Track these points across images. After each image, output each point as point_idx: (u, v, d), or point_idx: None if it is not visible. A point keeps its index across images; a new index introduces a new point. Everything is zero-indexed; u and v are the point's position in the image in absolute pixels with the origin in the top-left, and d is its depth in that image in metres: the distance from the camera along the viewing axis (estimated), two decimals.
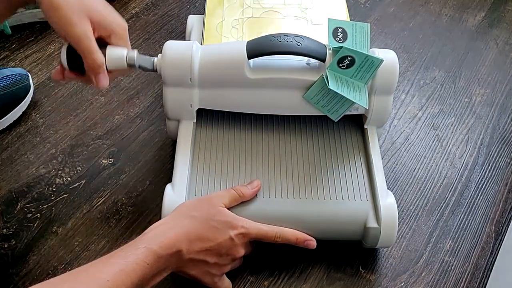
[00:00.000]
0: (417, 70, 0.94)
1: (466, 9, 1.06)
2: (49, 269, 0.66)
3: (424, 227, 0.73)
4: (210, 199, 0.61)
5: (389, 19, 1.03)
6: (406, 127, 0.85)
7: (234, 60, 0.66)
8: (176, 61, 0.66)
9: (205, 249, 0.58)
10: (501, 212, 0.76)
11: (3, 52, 0.90)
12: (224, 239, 0.59)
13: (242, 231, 0.60)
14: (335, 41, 0.66)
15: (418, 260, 0.70)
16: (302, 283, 0.66)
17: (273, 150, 0.69)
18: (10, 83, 0.78)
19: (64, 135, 0.80)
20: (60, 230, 0.69)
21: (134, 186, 0.75)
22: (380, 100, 0.68)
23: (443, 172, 0.80)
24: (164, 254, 0.54)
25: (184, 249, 0.56)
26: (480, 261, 0.71)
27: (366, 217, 0.64)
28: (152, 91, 0.86)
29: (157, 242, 0.54)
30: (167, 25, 0.97)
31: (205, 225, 0.58)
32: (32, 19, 0.93)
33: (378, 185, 0.66)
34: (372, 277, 0.68)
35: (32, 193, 0.73)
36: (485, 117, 0.88)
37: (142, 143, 0.79)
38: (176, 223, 0.58)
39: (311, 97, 0.67)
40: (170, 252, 0.55)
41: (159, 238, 0.55)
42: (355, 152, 0.70)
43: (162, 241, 0.55)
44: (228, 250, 0.59)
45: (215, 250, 0.58)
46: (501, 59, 0.97)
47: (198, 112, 0.70)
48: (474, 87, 0.92)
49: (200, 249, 0.57)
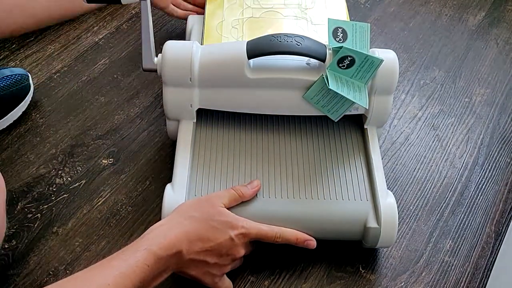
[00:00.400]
0: (417, 70, 0.94)
1: (466, 8, 1.06)
2: (50, 269, 0.66)
3: (424, 227, 0.73)
4: (210, 199, 0.61)
5: (389, 19, 1.03)
6: (406, 127, 0.85)
7: (234, 60, 0.66)
8: (176, 61, 0.66)
9: (205, 249, 0.58)
10: (501, 212, 0.76)
11: (3, 52, 0.90)
12: (224, 239, 0.59)
13: (242, 231, 0.60)
14: (335, 41, 0.66)
15: (418, 260, 0.70)
16: (302, 282, 0.66)
17: (273, 150, 0.69)
18: (10, 83, 0.78)
19: (64, 135, 0.80)
20: (61, 231, 0.69)
21: (134, 186, 0.75)
22: (380, 100, 0.68)
23: (443, 172, 0.80)
24: (164, 255, 0.54)
25: (184, 250, 0.56)
26: (480, 261, 0.71)
27: (366, 217, 0.64)
28: (152, 91, 0.86)
29: (157, 243, 0.54)
30: (167, 25, 0.97)
31: (205, 225, 0.58)
32: None
33: (378, 185, 0.66)
34: (372, 277, 0.68)
35: (32, 193, 0.73)
36: (485, 117, 0.88)
37: (142, 143, 0.79)
38: (176, 223, 0.58)
39: (311, 97, 0.67)
40: (170, 253, 0.55)
41: (159, 239, 0.55)
42: (355, 152, 0.70)
43: (162, 242, 0.55)
44: (228, 250, 0.59)
45: (215, 250, 0.58)
46: (501, 59, 0.97)
47: (198, 112, 0.70)
48: (474, 87, 0.92)
49: (200, 250, 0.57)
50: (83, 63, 0.89)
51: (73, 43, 0.92)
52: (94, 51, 0.91)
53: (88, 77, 0.87)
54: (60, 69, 0.88)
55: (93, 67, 0.89)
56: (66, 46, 0.91)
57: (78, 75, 0.87)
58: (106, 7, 0.98)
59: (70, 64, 0.89)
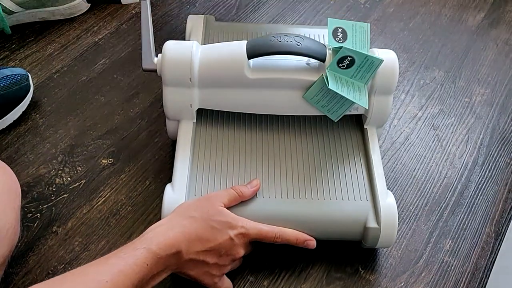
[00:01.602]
0: (417, 70, 0.94)
1: (466, 9, 1.06)
2: (49, 269, 0.66)
3: (424, 227, 0.73)
4: (210, 199, 0.61)
5: (389, 19, 1.03)
6: (406, 127, 0.85)
7: (234, 60, 0.66)
8: (176, 61, 0.66)
9: (204, 249, 0.57)
10: (501, 212, 0.76)
11: (3, 52, 0.90)
12: (224, 240, 0.58)
13: (242, 231, 0.60)
14: (335, 41, 0.66)
15: (418, 260, 0.70)
16: (301, 283, 0.66)
17: (272, 150, 0.69)
18: (10, 83, 0.78)
19: (64, 135, 0.80)
20: (60, 230, 0.69)
21: (134, 186, 0.75)
22: (380, 100, 0.68)
23: (443, 172, 0.80)
24: (163, 255, 0.54)
25: (183, 250, 0.56)
26: (480, 261, 0.71)
27: (366, 217, 0.64)
28: (152, 91, 0.86)
29: (156, 242, 0.54)
30: (167, 25, 0.97)
31: (205, 225, 0.58)
32: (32, 19, 0.93)
33: (378, 185, 0.66)
34: (372, 277, 0.68)
35: (32, 193, 0.73)
36: (485, 117, 0.88)
37: (142, 143, 0.79)
38: (176, 223, 0.58)
39: (311, 97, 0.67)
40: (170, 253, 0.55)
41: (159, 239, 0.55)
42: (355, 152, 0.70)
43: (162, 241, 0.54)
44: (228, 250, 0.59)
45: (215, 250, 0.58)
46: (500, 59, 0.97)
47: (198, 112, 0.70)
48: (474, 87, 0.92)
49: (200, 250, 0.57)
50: (83, 63, 0.89)
51: (73, 43, 0.92)
52: (94, 51, 0.91)
53: (88, 77, 0.87)
54: (60, 69, 0.88)
55: (93, 67, 0.89)
56: (66, 46, 0.91)
57: (78, 75, 0.87)
58: (106, 7, 0.98)
59: (70, 64, 0.89)
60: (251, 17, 0.99)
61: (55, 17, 0.94)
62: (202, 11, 0.99)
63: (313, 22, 0.99)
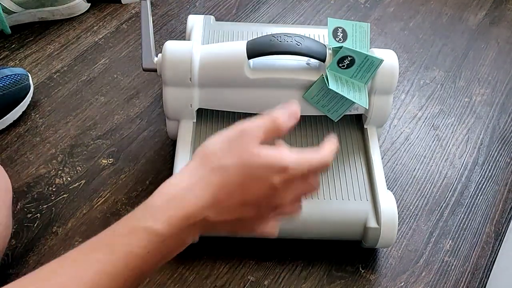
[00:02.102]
0: (417, 70, 0.94)
1: (467, 8, 1.06)
2: None
3: (424, 227, 0.73)
4: (242, 136, 0.45)
5: (389, 19, 1.03)
6: (406, 127, 0.85)
7: (234, 60, 0.66)
8: (176, 61, 0.66)
9: (239, 206, 0.44)
10: (501, 212, 0.76)
11: (3, 52, 0.90)
12: (265, 190, 0.44)
13: (286, 177, 0.44)
14: (335, 41, 0.66)
15: (418, 260, 0.70)
16: (302, 282, 0.66)
17: None
18: (10, 83, 0.78)
19: (64, 135, 0.80)
20: (60, 230, 0.69)
21: (134, 186, 0.75)
22: (380, 100, 0.68)
23: (443, 172, 0.80)
24: (174, 232, 0.41)
25: (211, 215, 0.43)
26: (480, 261, 0.71)
27: (366, 217, 0.64)
28: (152, 91, 0.86)
29: (167, 216, 0.41)
30: (167, 25, 0.97)
31: (240, 176, 0.43)
32: (32, 19, 0.93)
33: (378, 185, 0.66)
34: (372, 277, 0.68)
35: (32, 193, 0.73)
36: (485, 117, 0.88)
37: (142, 143, 0.79)
38: (199, 180, 0.43)
39: (311, 97, 0.67)
40: (188, 223, 0.42)
41: (169, 211, 0.41)
42: (355, 152, 0.70)
43: (173, 215, 0.41)
44: (269, 201, 0.45)
45: (253, 204, 0.44)
46: (501, 59, 0.97)
47: (198, 112, 0.70)
48: (474, 86, 0.92)
49: (234, 208, 0.44)
50: (83, 63, 0.89)
51: (73, 43, 0.92)
52: (94, 51, 0.91)
53: (88, 77, 0.87)
54: (60, 69, 0.88)
55: (93, 67, 0.89)
56: (66, 46, 0.91)
57: (78, 75, 0.87)
58: (106, 6, 0.98)
59: (70, 64, 0.89)
60: (251, 17, 0.99)
61: (55, 17, 0.94)
62: (202, 11, 0.99)
63: (313, 22, 0.99)
